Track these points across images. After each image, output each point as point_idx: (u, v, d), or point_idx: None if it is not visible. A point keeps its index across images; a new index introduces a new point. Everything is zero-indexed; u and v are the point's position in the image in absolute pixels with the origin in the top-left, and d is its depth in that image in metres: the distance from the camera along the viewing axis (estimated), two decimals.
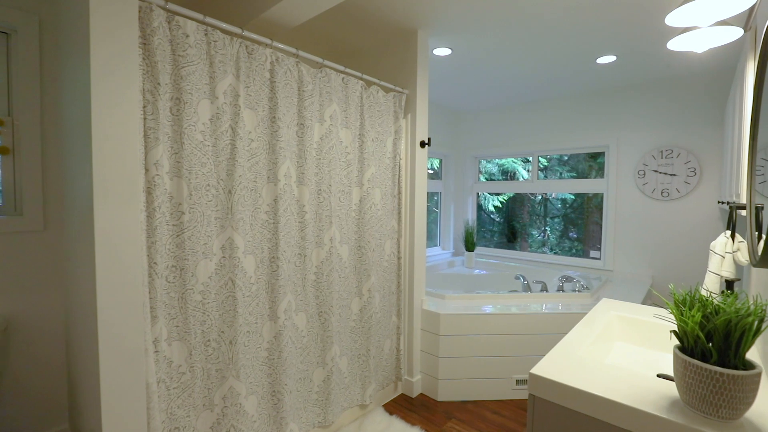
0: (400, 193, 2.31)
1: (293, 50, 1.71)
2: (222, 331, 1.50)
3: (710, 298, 0.82)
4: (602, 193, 3.54)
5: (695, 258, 2.98)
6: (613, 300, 1.60)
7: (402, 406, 2.30)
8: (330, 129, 1.89)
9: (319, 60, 1.83)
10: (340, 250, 1.99)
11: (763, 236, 1.19)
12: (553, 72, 2.92)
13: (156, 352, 1.30)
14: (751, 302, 0.81)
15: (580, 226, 3.84)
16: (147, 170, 1.27)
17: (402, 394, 2.43)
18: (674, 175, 3.01)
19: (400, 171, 2.31)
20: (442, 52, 2.55)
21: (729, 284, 1.26)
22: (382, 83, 2.17)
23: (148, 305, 1.25)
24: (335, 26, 2.25)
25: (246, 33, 1.55)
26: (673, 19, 1.12)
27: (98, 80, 1.10)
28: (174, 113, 1.35)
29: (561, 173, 3.90)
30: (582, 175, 3.76)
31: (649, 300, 3.09)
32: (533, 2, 1.94)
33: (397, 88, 2.25)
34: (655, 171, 3.09)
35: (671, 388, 0.89)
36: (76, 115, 1.27)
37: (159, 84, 1.27)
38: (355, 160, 2.06)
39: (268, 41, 1.62)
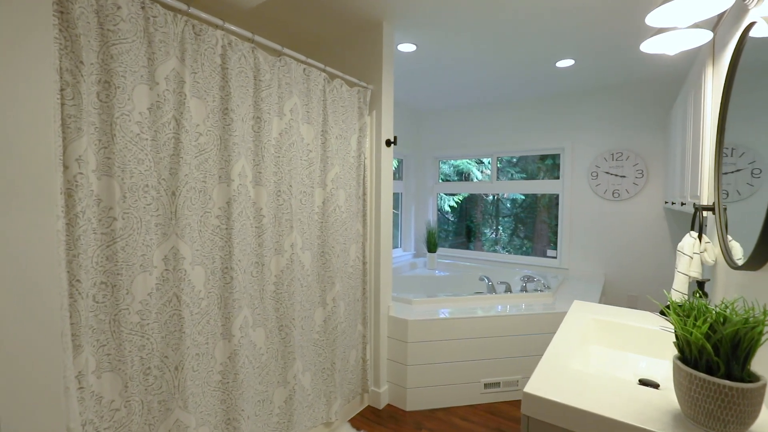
0: (365, 194, 2.19)
1: (249, 34, 1.52)
2: (165, 356, 1.29)
3: (713, 307, 0.78)
4: (549, 194, 3.69)
5: (644, 255, 3.15)
6: (585, 302, 1.59)
7: (369, 419, 2.18)
8: (290, 124, 1.72)
9: (278, 47, 1.65)
10: (302, 257, 1.83)
11: (729, 237, 1.21)
12: (515, 74, 2.95)
13: (80, 388, 1.07)
14: (757, 310, 0.79)
15: (529, 225, 3.96)
16: (66, 167, 1.04)
17: (369, 406, 2.30)
18: (624, 176, 3.16)
19: (365, 171, 2.18)
20: (407, 48, 2.46)
21: (700, 285, 1.27)
22: (347, 77, 2.03)
23: (68, 333, 1.02)
24: (294, 14, 2.08)
25: (193, 11, 1.34)
26: (652, 19, 1.10)
27: None
28: (102, 99, 1.12)
29: (512, 174, 4.00)
30: (532, 176, 3.87)
31: (604, 298, 3.22)
32: (498, 4, 1.90)
33: (362, 83, 2.12)
34: (607, 173, 3.23)
35: (668, 400, 0.84)
36: None
37: (82, 63, 1.05)
38: (317, 159, 1.90)
39: (220, 22, 1.42)
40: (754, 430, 0.74)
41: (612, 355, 1.30)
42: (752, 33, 1.00)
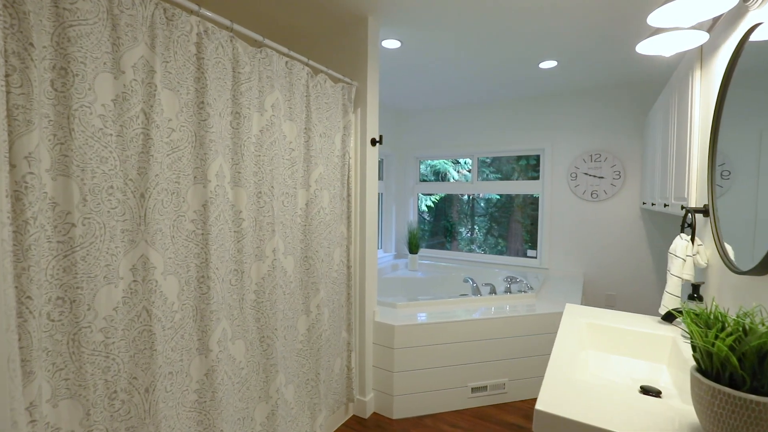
0: (349, 195, 2.10)
1: (227, 22, 1.40)
2: (134, 377, 1.15)
3: (734, 318, 0.75)
4: (523, 194, 3.73)
5: (621, 255, 3.22)
6: (577, 305, 1.57)
7: (355, 430, 2.09)
8: (272, 120, 1.61)
9: (259, 38, 1.54)
10: (285, 263, 1.72)
11: (724, 243, 1.21)
12: (498, 74, 2.93)
13: (32, 421, 0.93)
14: None
15: (503, 224, 4.00)
16: (13, 166, 0.89)
17: (354, 416, 2.21)
18: (602, 177, 3.22)
19: (349, 171, 2.09)
20: (392, 44, 2.38)
21: (695, 288, 1.27)
22: (331, 72, 1.93)
23: (17, 359, 0.88)
24: (275, 3, 1.96)
25: None
26: (655, 19, 1.07)
27: None
28: (58, 88, 0.98)
29: (487, 174, 4.02)
30: (506, 176, 3.90)
31: (584, 297, 3.27)
32: (485, 3, 1.86)
33: (346, 79, 2.03)
34: (586, 174, 3.28)
35: (677, 410, 0.81)
36: None
37: (32, 45, 0.90)
38: (300, 158, 1.80)
39: (195, 8, 1.30)
40: None
41: (608, 360, 1.28)
42: (755, 35, 0.98)
